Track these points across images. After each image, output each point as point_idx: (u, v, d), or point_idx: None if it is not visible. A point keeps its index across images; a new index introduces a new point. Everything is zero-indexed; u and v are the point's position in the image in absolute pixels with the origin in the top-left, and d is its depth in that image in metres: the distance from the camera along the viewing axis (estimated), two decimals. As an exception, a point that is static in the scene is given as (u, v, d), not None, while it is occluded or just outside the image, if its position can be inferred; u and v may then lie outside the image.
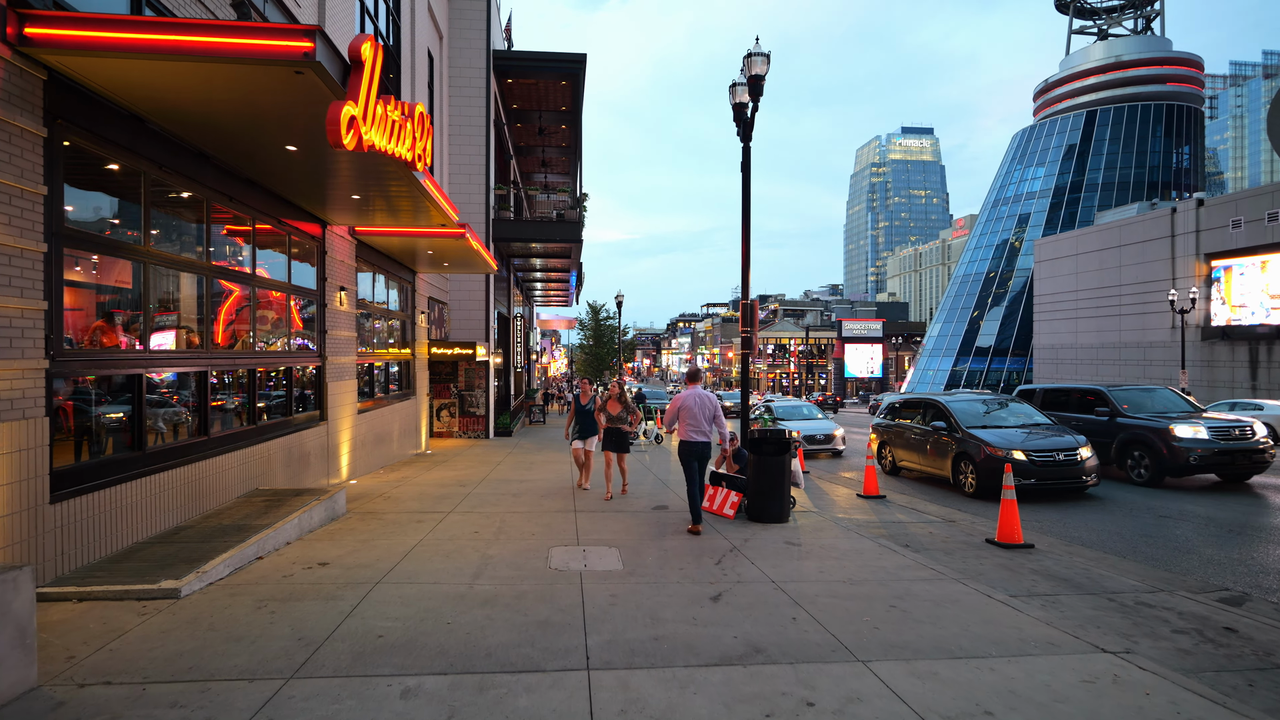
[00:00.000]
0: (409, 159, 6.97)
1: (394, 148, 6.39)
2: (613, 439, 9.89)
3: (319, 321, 10.27)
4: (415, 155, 7.23)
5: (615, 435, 9.87)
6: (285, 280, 9.15)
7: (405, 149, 6.77)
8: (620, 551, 6.41)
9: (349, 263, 11.44)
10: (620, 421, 9.88)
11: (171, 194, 6.69)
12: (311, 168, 7.36)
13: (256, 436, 8.16)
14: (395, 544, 6.53)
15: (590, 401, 10.38)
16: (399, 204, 9.24)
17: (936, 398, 12.68)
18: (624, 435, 9.90)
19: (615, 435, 9.87)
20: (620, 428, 9.87)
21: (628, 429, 9.92)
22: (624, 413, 9.92)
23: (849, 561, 6.22)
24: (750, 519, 8.10)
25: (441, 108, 19.46)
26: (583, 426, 10.39)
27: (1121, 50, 58.51)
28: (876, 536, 7.43)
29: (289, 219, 9.07)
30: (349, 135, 5.20)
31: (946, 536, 7.96)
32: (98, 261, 5.83)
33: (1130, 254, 41.92)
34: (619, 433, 9.88)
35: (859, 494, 11.03)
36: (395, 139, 6.44)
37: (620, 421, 9.88)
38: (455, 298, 21.13)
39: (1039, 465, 10.38)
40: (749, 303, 9.64)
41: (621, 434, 9.88)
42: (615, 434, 9.87)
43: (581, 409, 10.39)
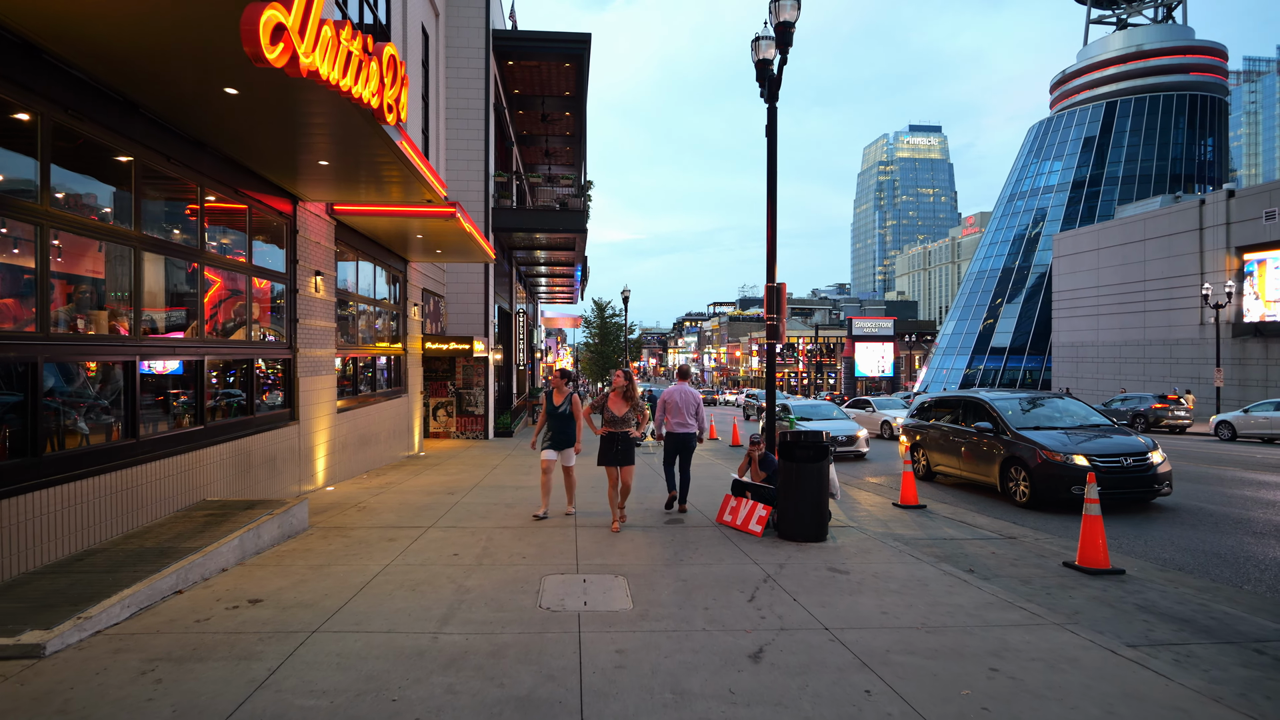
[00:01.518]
0: (374, 105, 5.79)
1: (351, 85, 5.21)
2: (614, 448, 7.24)
3: (289, 309, 9.11)
4: (384, 104, 6.07)
5: (617, 444, 7.26)
6: (245, 260, 7.99)
7: (368, 92, 5.59)
8: (629, 582, 5.22)
9: (326, 245, 10.28)
10: (625, 424, 7.32)
11: (85, 146, 5.53)
12: (260, 119, 6.18)
13: (205, 439, 7.00)
14: (354, 571, 5.35)
15: (566, 402, 7.80)
16: (374, 173, 8.07)
17: (979, 395, 11.43)
18: (629, 443, 7.35)
19: (617, 444, 7.26)
20: (625, 432, 7.32)
21: (635, 433, 7.47)
22: (631, 413, 7.38)
23: (914, 597, 5.00)
24: (781, 536, 6.89)
25: (438, 89, 18.31)
26: (556, 434, 7.82)
27: (1142, 39, 56.82)
28: (935, 560, 6.20)
29: (250, 190, 7.92)
30: (276, 49, 4.03)
31: (1014, 559, 6.73)
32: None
33: (1155, 248, 40.42)
34: (623, 440, 7.29)
35: (895, 503, 9.80)
36: (354, 77, 5.27)
37: (625, 424, 7.32)
38: (453, 290, 19.99)
39: (1104, 472, 9.13)
40: (774, 286, 8.41)
41: (626, 442, 7.32)
42: (617, 442, 7.26)
43: (555, 412, 7.80)
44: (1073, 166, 56.59)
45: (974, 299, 60.15)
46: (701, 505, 8.72)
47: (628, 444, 7.36)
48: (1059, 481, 9.22)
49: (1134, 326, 41.82)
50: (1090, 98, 58.40)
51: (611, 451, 7.29)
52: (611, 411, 7.37)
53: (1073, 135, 57.69)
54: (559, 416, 7.83)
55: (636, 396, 7.40)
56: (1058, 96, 62.47)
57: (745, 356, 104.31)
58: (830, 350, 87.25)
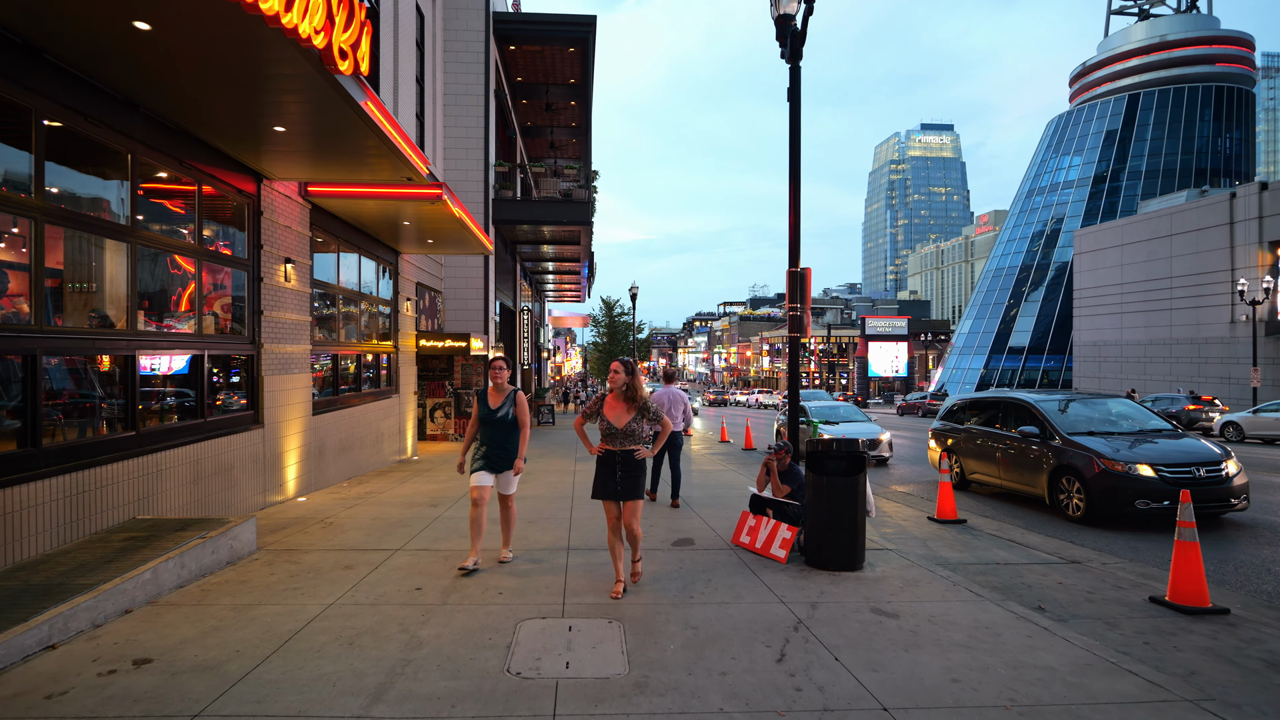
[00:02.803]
0: (319, 45, 4.79)
1: (281, 11, 4.21)
2: (612, 475, 5.03)
3: (251, 300, 8.14)
4: (335, 47, 5.07)
5: (617, 468, 5.02)
6: (192, 243, 7.01)
7: (310, 26, 4.59)
8: (625, 630, 4.18)
9: (299, 230, 9.31)
10: (629, 439, 5.02)
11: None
12: (184, 65, 5.19)
13: (138, 446, 6.02)
14: (287, 614, 4.35)
15: (507, 404, 5.67)
16: (337, 141, 7.08)
17: (1022, 397, 10.31)
18: (635, 468, 5.06)
19: (617, 468, 5.02)
20: (629, 451, 5.01)
21: (644, 453, 5.10)
22: (637, 422, 5.05)
23: (987, 653, 3.94)
24: (809, 563, 5.84)
25: (434, 74, 17.35)
26: (490, 449, 5.64)
27: (1166, 30, 55.21)
28: (997, 596, 5.13)
29: (200, 163, 6.94)
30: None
31: (1087, 590, 5.64)
32: None
33: (1182, 244, 38.97)
34: (626, 463, 5.02)
35: (931, 517, 8.72)
36: (284, 2, 4.26)
37: (629, 439, 5.02)
38: (451, 285, 19.01)
39: (1174, 483, 8.01)
40: (798, 270, 7.33)
41: (631, 465, 5.03)
42: (617, 465, 5.02)
43: (490, 417, 5.66)
44: (1094, 161, 55.08)
45: (991, 297, 58.72)
46: (715, 522, 7.67)
47: (633, 468, 5.01)
48: (1121, 494, 8.11)
49: (1160, 325, 40.38)
50: (1111, 90, 56.85)
51: (609, 479, 5.02)
52: (608, 420, 5.06)
53: (1093, 129, 56.15)
54: (495, 424, 5.63)
55: (644, 397, 5.11)
56: (1077, 89, 60.91)
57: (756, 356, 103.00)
58: (843, 350, 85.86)
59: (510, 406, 5.75)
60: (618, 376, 5.17)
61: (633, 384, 5.10)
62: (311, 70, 5.27)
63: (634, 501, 5.11)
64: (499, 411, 5.70)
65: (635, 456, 5.04)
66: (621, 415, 5.08)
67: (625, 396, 5.09)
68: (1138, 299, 41.87)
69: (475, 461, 5.73)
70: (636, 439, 5.06)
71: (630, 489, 5.08)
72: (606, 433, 5.12)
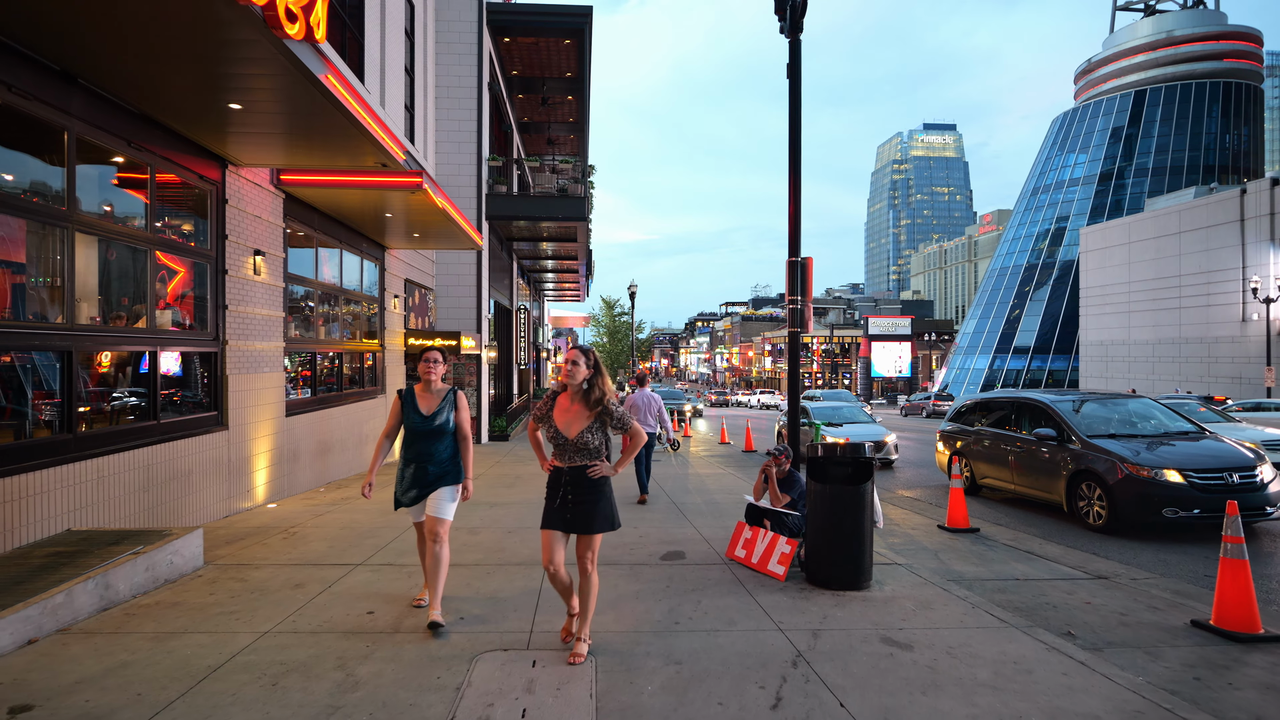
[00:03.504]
0: (259, 1, 4.26)
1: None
2: (562, 498, 3.80)
3: (215, 293, 7.61)
4: (282, 6, 4.54)
5: (566, 489, 3.80)
6: (143, 230, 6.48)
7: (243, -23, 4.06)
8: (597, 666, 3.63)
9: (271, 221, 8.78)
10: (586, 452, 3.80)
11: None
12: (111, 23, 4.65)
13: (75, 451, 5.49)
14: (212, 645, 3.81)
15: (444, 408, 4.38)
16: (297, 120, 6.54)
17: (1038, 397, 9.74)
18: (593, 490, 3.80)
19: (566, 489, 3.80)
20: (584, 468, 3.80)
21: (603, 470, 3.84)
22: (594, 431, 3.81)
23: (1018, 696, 3.39)
24: (810, 580, 5.29)
25: (426, 65, 16.82)
26: (418, 469, 4.34)
27: (1172, 25, 54.54)
28: (1022, 622, 4.57)
29: (151, 144, 6.40)
30: None
31: (1120, 612, 5.08)
32: None
33: (1191, 241, 38.34)
34: (577, 483, 3.79)
35: (941, 525, 8.16)
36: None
37: (586, 452, 3.80)
38: (443, 283, 18.49)
39: (1204, 490, 7.45)
40: (798, 260, 6.77)
41: (585, 487, 3.79)
42: (566, 486, 3.81)
43: (420, 426, 4.33)
44: (1099, 158, 54.44)
45: (995, 296, 58.08)
46: (710, 531, 7.13)
47: (585, 490, 3.75)
48: (1147, 501, 7.54)
49: (1168, 324, 39.75)
50: (1118, 86, 56.20)
51: (560, 505, 3.77)
52: (556, 427, 3.82)
53: (1099, 126, 55.50)
54: (429, 435, 4.31)
55: (608, 399, 3.80)
56: (1083, 86, 60.25)
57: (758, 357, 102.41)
58: (845, 350, 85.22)
59: (448, 411, 4.36)
60: (575, 370, 3.80)
61: (595, 383, 3.81)
62: (258, 36, 4.75)
63: (589, 535, 3.78)
64: (434, 419, 4.30)
65: (589, 475, 3.76)
66: (574, 421, 3.78)
67: (582, 397, 3.82)
68: (1146, 298, 41.24)
69: (404, 492, 4.33)
70: (591, 452, 3.78)
71: (583, 518, 3.73)
72: (555, 443, 3.83)
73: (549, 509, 3.84)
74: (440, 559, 4.25)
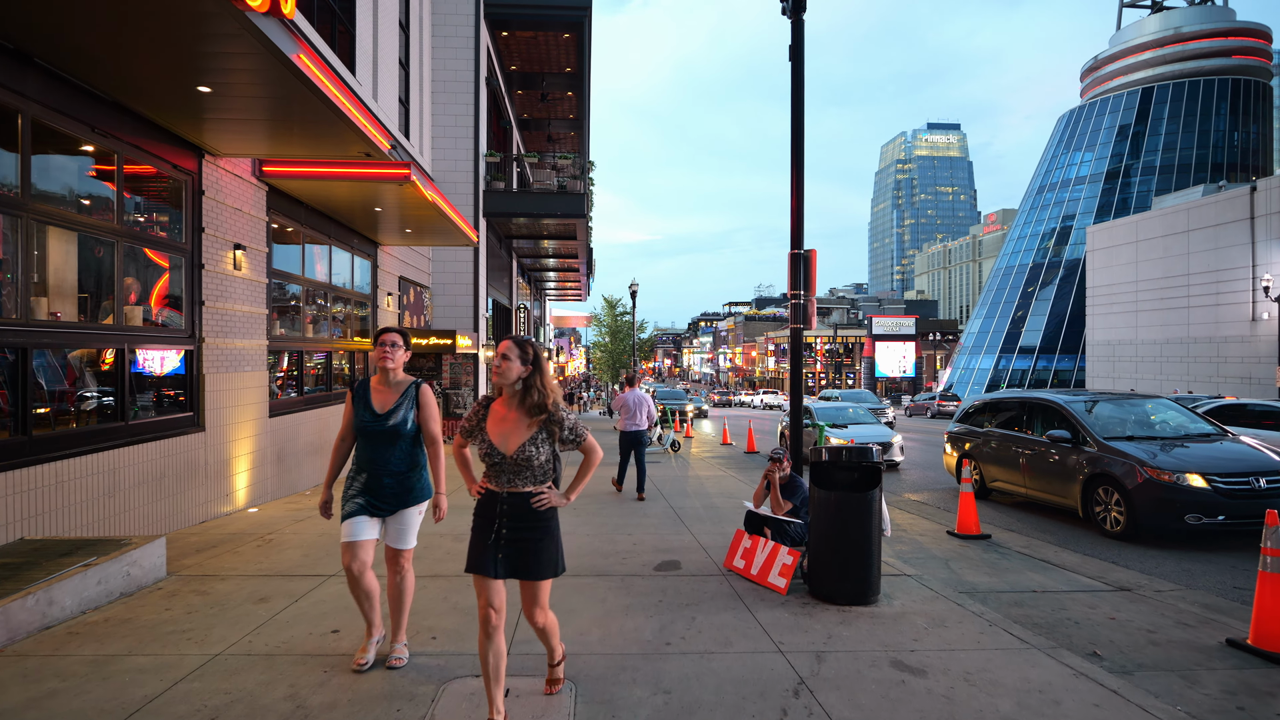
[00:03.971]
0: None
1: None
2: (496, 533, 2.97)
3: (192, 289, 7.28)
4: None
5: (501, 523, 2.97)
6: (108, 220, 6.15)
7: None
8: (577, 695, 3.28)
9: (253, 214, 8.45)
10: (527, 472, 2.97)
11: None
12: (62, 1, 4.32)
13: (30, 454, 5.15)
14: (155, 670, 3.47)
15: (403, 404, 3.61)
16: (276, 106, 6.20)
17: (1051, 397, 9.37)
18: (533, 527, 2.98)
19: (501, 523, 2.97)
20: (526, 495, 2.98)
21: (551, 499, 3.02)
22: (539, 444, 2.98)
23: (1044, 730, 3.02)
24: (814, 595, 4.93)
25: (422, 59, 16.53)
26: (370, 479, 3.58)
27: (1180, 22, 53.95)
28: (1046, 643, 4.20)
29: (117, 130, 6.07)
30: None
31: (1148, 629, 4.71)
32: None
33: (1200, 239, 37.82)
34: (517, 516, 2.97)
35: (950, 531, 7.80)
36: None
37: (527, 472, 2.97)
38: (440, 281, 18.16)
39: (1228, 495, 7.07)
40: (801, 252, 6.40)
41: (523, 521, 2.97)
42: (502, 517, 2.97)
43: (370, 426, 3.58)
44: (1106, 156, 53.88)
45: (1001, 296, 57.55)
46: (709, 538, 6.77)
47: (534, 525, 2.98)
48: (1168, 507, 7.17)
49: (1177, 323, 39.22)
50: (1124, 84, 55.63)
51: (494, 541, 2.96)
52: (490, 441, 3.00)
53: (1106, 124, 54.95)
54: (383, 437, 3.53)
55: (553, 403, 3.01)
56: (1089, 84, 59.69)
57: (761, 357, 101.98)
58: (849, 350, 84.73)
59: (408, 409, 3.58)
60: (507, 366, 2.95)
61: (533, 383, 2.98)
62: (218, 9, 4.41)
63: (537, 582, 3.00)
64: (388, 418, 3.52)
65: (532, 504, 2.94)
66: (512, 433, 2.96)
67: (520, 401, 2.99)
68: (1153, 297, 40.73)
69: (349, 500, 3.54)
70: (535, 472, 2.96)
71: (523, 557, 2.94)
72: (489, 462, 2.98)
73: (478, 545, 2.96)
74: (404, 589, 3.66)
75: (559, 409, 3.03)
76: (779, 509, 5.56)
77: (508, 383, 3.01)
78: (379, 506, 3.55)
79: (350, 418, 3.64)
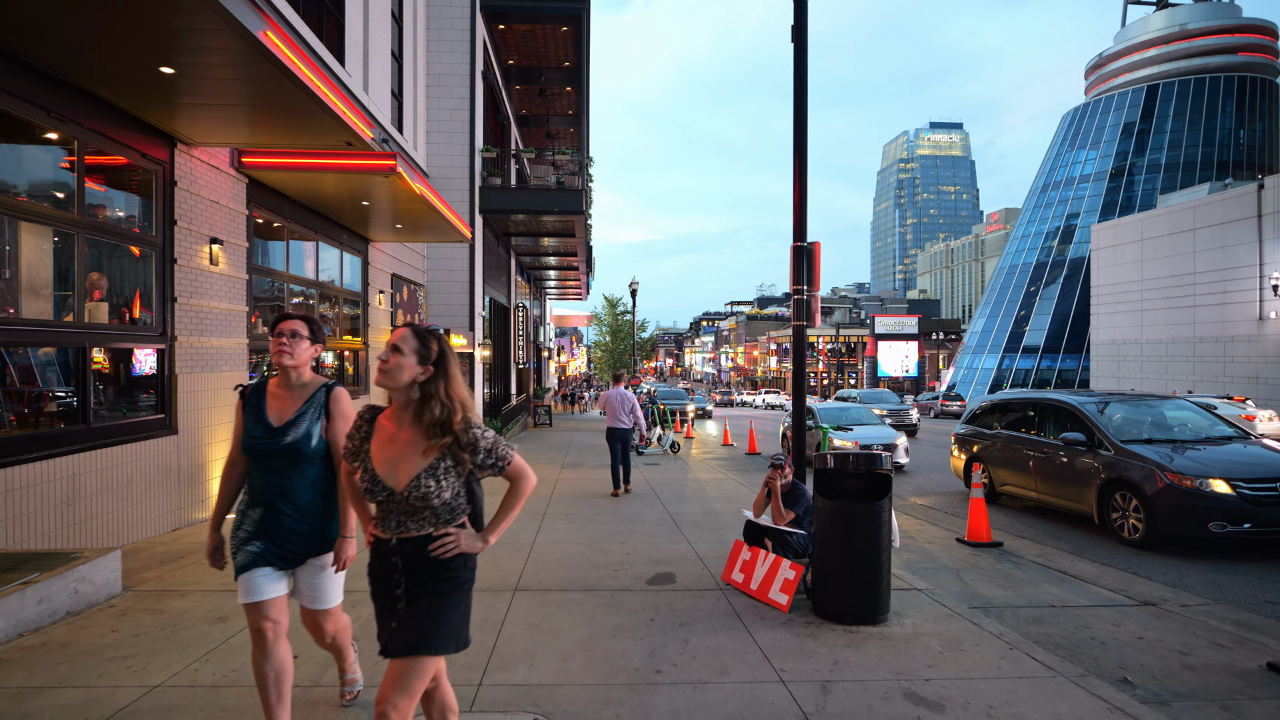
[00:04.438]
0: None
1: None
2: (388, 597, 2.27)
3: (163, 285, 6.93)
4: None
5: (399, 578, 2.23)
6: (73, 213, 5.80)
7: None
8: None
9: (230, 207, 8.10)
10: (422, 514, 2.22)
11: None
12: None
13: (-23, 461, 4.81)
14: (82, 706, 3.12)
15: (308, 413, 2.76)
16: (245, 90, 5.85)
17: (1064, 398, 8.99)
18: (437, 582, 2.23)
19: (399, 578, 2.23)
20: (419, 543, 2.22)
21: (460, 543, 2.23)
22: (438, 477, 2.18)
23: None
24: (818, 612, 4.57)
25: (416, 52, 16.18)
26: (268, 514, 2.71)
27: (1186, 18, 53.44)
28: (1075, 669, 3.84)
29: (78, 116, 5.72)
30: None
31: (1180, 650, 4.34)
32: None
33: (1206, 238, 37.39)
34: (415, 570, 2.22)
35: (960, 538, 7.44)
36: None
37: (422, 514, 2.22)
38: (435, 279, 17.80)
39: (1254, 502, 6.69)
40: (804, 245, 6.04)
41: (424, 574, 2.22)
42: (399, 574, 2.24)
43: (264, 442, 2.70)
44: (1111, 154, 53.39)
45: (1004, 295, 57.08)
46: (706, 547, 6.41)
47: (432, 580, 2.23)
48: (1191, 515, 6.79)
49: (1183, 323, 38.79)
50: (1129, 81, 55.13)
51: (392, 608, 2.27)
52: (374, 470, 2.22)
53: (1110, 121, 54.45)
54: (276, 459, 2.69)
55: (459, 417, 2.21)
56: (1093, 81, 59.20)
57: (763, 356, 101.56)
58: (851, 349, 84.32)
59: (314, 420, 2.73)
60: (398, 364, 2.18)
61: (434, 390, 2.20)
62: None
63: (406, 662, 2.14)
64: (285, 432, 2.67)
65: (432, 551, 2.20)
66: (403, 459, 2.20)
67: (416, 416, 2.21)
68: (1159, 296, 40.30)
69: (241, 546, 2.66)
70: (436, 512, 2.21)
71: (413, 624, 2.18)
72: (372, 499, 2.21)
73: (378, 613, 2.31)
74: (340, 641, 3.01)
75: (471, 429, 2.20)
76: (780, 519, 5.19)
77: (398, 387, 2.20)
78: (282, 554, 2.65)
79: (238, 433, 2.74)
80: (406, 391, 2.21)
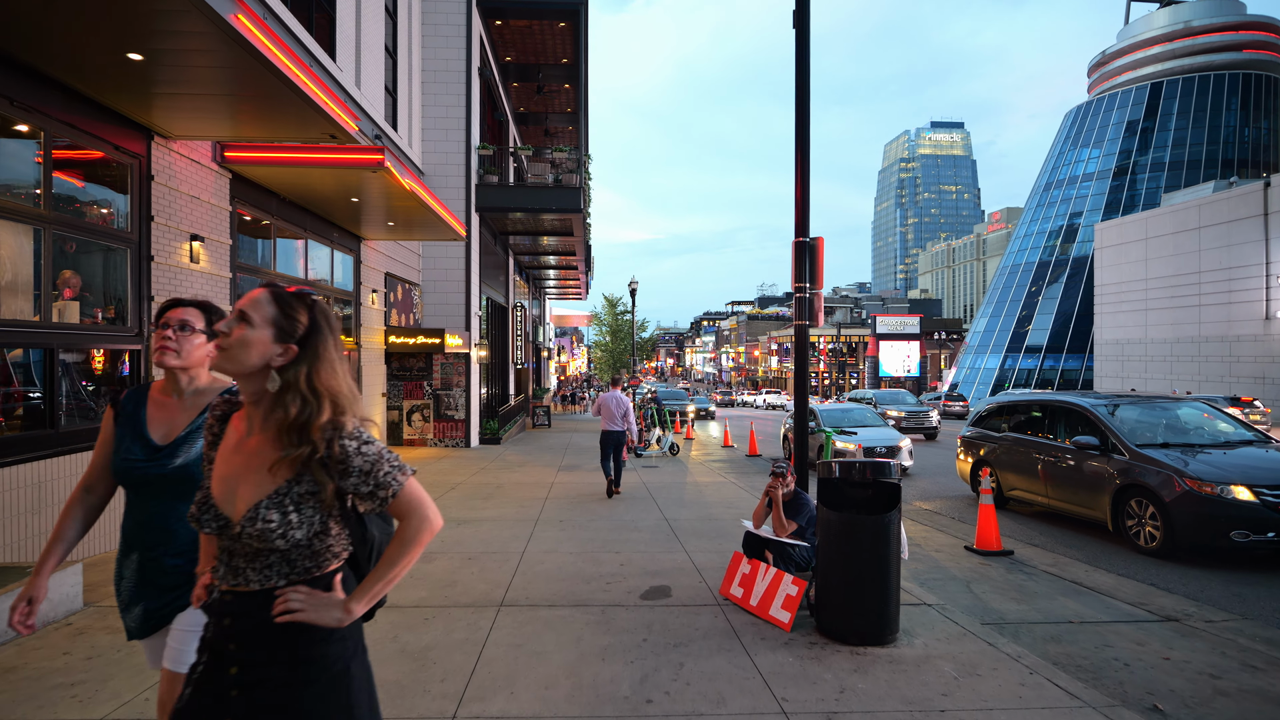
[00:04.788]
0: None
1: None
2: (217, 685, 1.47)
3: (138, 283, 6.65)
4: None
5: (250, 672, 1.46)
6: (39, 206, 5.52)
7: None
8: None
9: (212, 203, 7.82)
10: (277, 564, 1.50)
11: None
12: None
13: (-70, 470, 4.53)
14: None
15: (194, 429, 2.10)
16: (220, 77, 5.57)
17: (1075, 400, 8.70)
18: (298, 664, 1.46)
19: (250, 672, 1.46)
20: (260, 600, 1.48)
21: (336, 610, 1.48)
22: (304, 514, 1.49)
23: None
24: (822, 631, 4.28)
25: (410, 47, 15.93)
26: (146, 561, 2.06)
27: (1190, 16, 53.05)
28: (1099, 698, 3.55)
29: (46, 106, 5.45)
30: None
31: (1210, 673, 4.05)
32: None
33: (1211, 236, 37.05)
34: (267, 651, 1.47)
35: (969, 547, 7.15)
36: None
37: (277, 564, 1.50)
38: (431, 278, 17.53)
39: (1278, 509, 6.39)
40: (806, 241, 5.75)
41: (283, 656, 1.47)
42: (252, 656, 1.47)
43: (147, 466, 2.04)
44: (1114, 153, 53.00)
45: (1007, 294, 56.73)
46: (704, 558, 6.13)
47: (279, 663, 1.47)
48: (1211, 523, 6.50)
49: (1188, 322, 38.46)
50: (1133, 79, 54.75)
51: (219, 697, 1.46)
52: (212, 498, 1.55)
53: (1114, 119, 54.06)
54: (159, 487, 2.05)
55: (324, 418, 1.48)
56: (1096, 79, 58.83)
57: (764, 356, 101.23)
58: (852, 349, 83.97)
59: (187, 442, 2.10)
60: (242, 338, 1.49)
61: (295, 379, 1.50)
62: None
63: None
64: (176, 452, 2.08)
65: (273, 615, 1.46)
66: (243, 476, 1.53)
67: (265, 413, 1.54)
68: (1164, 295, 39.97)
69: (128, 607, 2.08)
70: (288, 556, 1.52)
71: None
72: (205, 528, 1.53)
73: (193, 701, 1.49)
74: None
75: (341, 437, 1.49)
76: (782, 530, 4.91)
77: (241, 373, 1.51)
78: (178, 602, 2.04)
79: (104, 454, 2.11)
80: (259, 381, 1.51)
